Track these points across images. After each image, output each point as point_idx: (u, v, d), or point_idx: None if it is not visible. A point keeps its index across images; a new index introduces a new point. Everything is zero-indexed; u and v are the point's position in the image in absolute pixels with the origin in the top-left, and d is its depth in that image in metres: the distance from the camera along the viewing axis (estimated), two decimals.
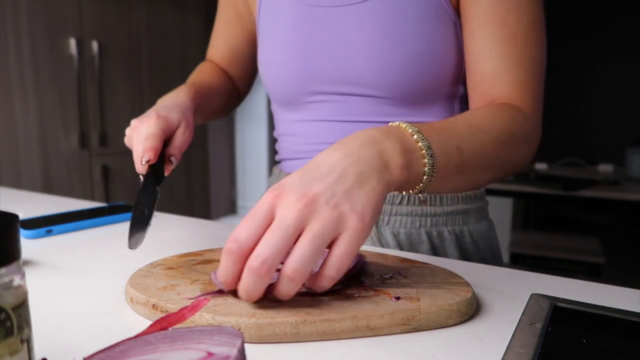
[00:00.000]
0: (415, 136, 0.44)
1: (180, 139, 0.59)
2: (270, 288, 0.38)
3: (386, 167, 0.40)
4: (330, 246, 0.37)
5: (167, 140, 0.58)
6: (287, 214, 0.36)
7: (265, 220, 0.36)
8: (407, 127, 0.44)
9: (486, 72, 0.59)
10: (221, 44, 0.84)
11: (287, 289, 0.36)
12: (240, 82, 0.87)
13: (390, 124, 0.45)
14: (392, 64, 0.61)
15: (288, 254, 0.36)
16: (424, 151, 0.43)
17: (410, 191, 0.45)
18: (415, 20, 0.60)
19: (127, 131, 0.58)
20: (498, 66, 0.58)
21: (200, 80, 0.76)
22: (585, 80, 4.85)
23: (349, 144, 0.41)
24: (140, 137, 0.55)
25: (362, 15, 0.62)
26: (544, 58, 0.60)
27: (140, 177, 0.56)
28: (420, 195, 0.46)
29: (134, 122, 0.58)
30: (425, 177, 0.44)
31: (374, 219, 0.39)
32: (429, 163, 0.44)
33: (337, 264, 0.37)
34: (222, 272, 0.37)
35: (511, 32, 0.58)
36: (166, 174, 0.58)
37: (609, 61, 4.72)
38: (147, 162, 0.54)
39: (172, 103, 0.62)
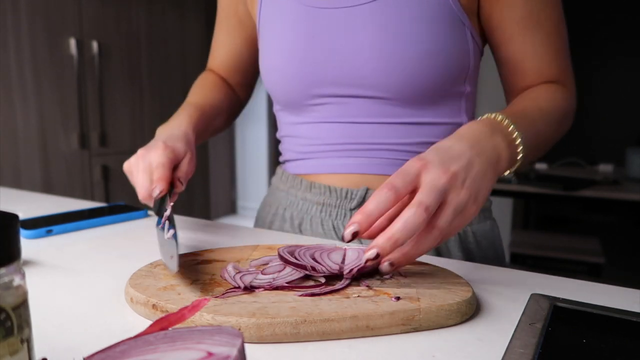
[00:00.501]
0: (511, 128, 0.50)
1: (186, 169, 0.60)
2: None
3: (498, 161, 0.48)
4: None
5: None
6: (437, 180, 0.42)
7: (414, 180, 0.43)
8: (504, 120, 0.51)
9: (529, 69, 0.65)
10: (222, 52, 0.83)
11: (428, 244, 0.43)
12: (241, 89, 0.87)
13: (485, 116, 0.51)
14: (398, 65, 0.61)
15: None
16: (519, 141, 0.51)
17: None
18: (421, 21, 0.60)
19: (132, 159, 0.59)
20: (540, 64, 0.65)
21: (202, 100, 0.75)
22: (585, 80, 4.85)
23: (469, 135, 0.48)
24: (148, 165, 0.56)
25: (368, 16, 0.62)
26: (567, 37, 0.67)
27: (161, 221, 0.55)
28: (507, 174, 0.55)
29: (140, 151, 0.58)
30: (518, 164, 0.52)
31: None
32: (522, 152, 0.51)
33: (450, 235, 0.44)
34: (375, 207, 0.41)
35: (546, 31, 0.64)
36: (171, 202, 0.57)
37: (610, 61, 4.72)
38: (160, 193, 0.54)
39: (178, 132, 0.63)
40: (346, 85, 0.65)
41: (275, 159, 4.44)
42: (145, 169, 0.57)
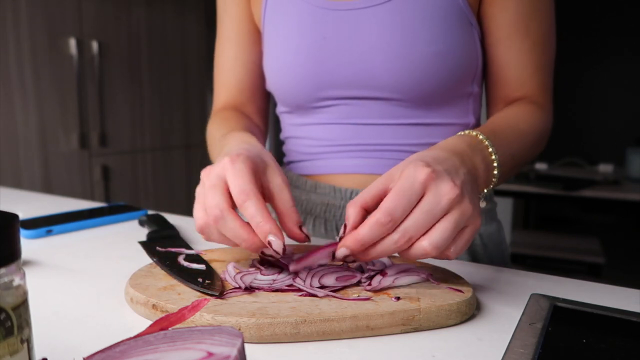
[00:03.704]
0: (490, 149, 0.50)
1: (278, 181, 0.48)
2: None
3: (477, 181, 0.47)
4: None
5: None
6: (444, 197, 0.40)
7: (418, 197, 0.41)
8: (484, 140, 0.50)
9: (510, 78, 0.65)
10: (238, 68, 0.74)
11: (417, 255, 0.41)
12: (259, 116, 0.78)
13: (467, 132, 0.51)
14: (409, 66, 0.61)
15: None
16: (496, 164, 0.50)
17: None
18: (432, 21, 0.60)
19: (199, 187, 0.47)
20: (522, 74, 0.64)
21: (235, 127, 0.64)
22: (585, 80, 4.85)
23: (456, 149, 0.46)
24: (218, 181, 0.45)
25: (380, 17, 0.61)
26: (555, 55, 0.67)
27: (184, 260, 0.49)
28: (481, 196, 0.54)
29: (204, 172, 0.48)
30: (491, 187, 0.51)
31: None
32: (497, 175, 0.51)
33: (461, 249, 0.42)
34: (367, 237, 0.40)
35: (533, 41, 0.63)
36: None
37: (609, 60, 4.72)
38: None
39: (247, 146, 0.51)
40: (356, 87, 0.64)
41: (276, 160, 4.44)
42: (215, 186, 0.44)
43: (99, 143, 2.32)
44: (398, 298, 0.41)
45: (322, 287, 0.42)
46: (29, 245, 0.62)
